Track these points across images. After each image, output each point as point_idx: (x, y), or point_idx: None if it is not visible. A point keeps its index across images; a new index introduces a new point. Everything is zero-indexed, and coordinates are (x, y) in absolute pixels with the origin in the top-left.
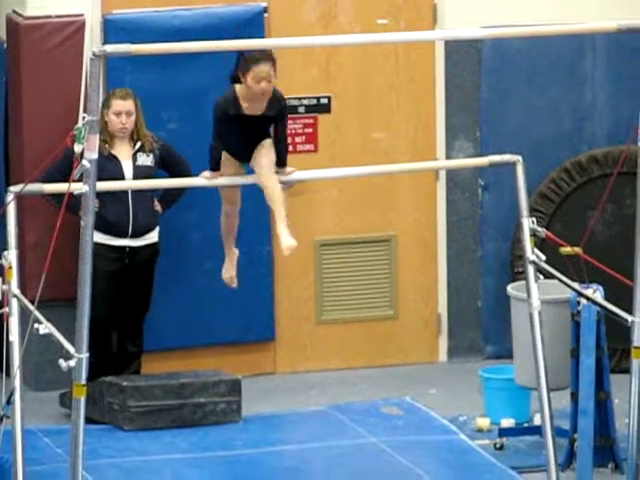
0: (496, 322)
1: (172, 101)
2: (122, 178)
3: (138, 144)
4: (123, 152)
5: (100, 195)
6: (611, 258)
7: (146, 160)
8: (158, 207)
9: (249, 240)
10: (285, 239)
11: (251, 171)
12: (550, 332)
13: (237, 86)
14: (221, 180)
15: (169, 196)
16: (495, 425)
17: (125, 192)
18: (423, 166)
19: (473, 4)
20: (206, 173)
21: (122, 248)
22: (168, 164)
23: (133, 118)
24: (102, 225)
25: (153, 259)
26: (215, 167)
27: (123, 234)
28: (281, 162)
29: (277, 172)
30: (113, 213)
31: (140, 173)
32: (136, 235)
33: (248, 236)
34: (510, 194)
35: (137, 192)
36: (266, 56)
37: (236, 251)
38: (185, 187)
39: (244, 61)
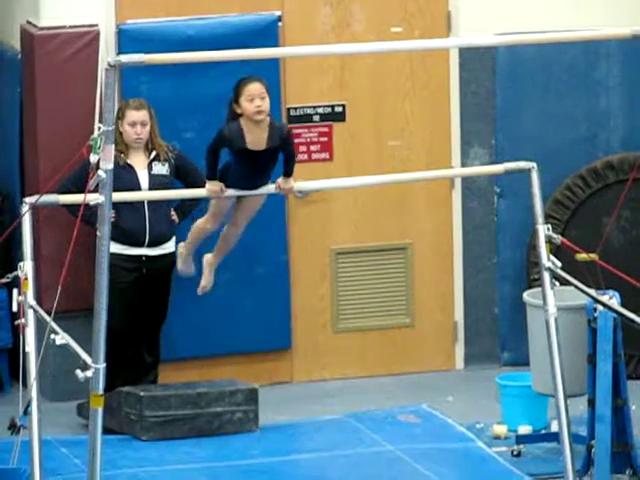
0: (512, 329)
1: (187, 110)
2: (138, 187)
3: (153, 153)
4: (139, 162)
5: (116, 205)
6: (627, 264)
7: (162, 169)
8: (174, 217)
9: (265, 250)
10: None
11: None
12: (566, 339)
13: (242, 119)
14: (230, 191)
15: (185, 206)
16: (512, 432)
17: (141, 201)
18: (439, 174)
19: (487, 11)
20: (209, 186)
21: (139, 257)
22: (183, 174)
23: (148, 128)
24: (118, 235)
25: (170, 269)
26: (213, 176)
27: (139, 243)
28: (286, 172)
29: (279, 183)
30: (129, 222)
31: (156, 182)
32: (153, 244)
33: (264, 246)
34: (525, 201)
35: (153, 201)
36: (255, 77)
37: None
38: (200, 198)
39: (235, 88)
